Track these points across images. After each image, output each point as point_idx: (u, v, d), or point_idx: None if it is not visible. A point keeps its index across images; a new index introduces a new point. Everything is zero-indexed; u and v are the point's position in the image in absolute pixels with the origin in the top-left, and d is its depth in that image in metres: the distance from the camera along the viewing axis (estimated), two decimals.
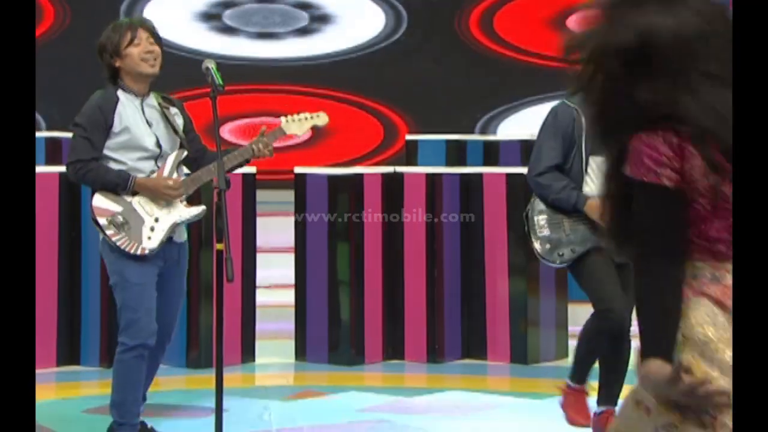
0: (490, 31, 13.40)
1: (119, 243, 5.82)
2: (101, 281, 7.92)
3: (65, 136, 8.98)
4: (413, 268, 8.42)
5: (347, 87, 13.51)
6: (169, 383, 7.47)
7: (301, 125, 6.22)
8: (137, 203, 5.87)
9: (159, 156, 5.90)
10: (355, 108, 13.59)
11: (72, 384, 7.76)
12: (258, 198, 8.53)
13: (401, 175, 8.57)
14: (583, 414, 5.97)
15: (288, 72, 13.52)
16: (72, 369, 8.08)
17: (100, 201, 5.87)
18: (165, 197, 5.87)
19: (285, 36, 13.77)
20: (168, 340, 6.03)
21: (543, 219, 6.01)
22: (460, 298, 8.48)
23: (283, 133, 6.16)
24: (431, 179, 8.52)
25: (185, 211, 5.94)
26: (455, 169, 8.99)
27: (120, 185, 5.82)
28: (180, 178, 5.93)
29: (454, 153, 10.95)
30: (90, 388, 7.50)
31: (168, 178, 5.88)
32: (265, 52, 13.69)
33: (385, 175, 8.56)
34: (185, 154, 5.96)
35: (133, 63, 5.87)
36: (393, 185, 8.50)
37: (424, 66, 13.47)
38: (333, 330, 8.36)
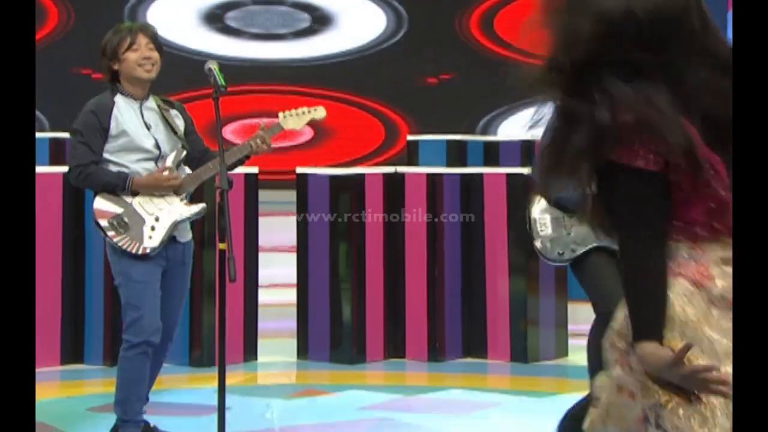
0: (490, 32, 13.43)
1: (121, 244, 5.87)
2: (105, 280, 7.94)
3: (69, 136, 8.99)
4: (414, 267, 8.42)
5: (349, 88, 13.55)
6: (172, 382, 7.46)
7: (299, 119, 6.24)
8: (137, 204, 5.91)
9: (159, 157, 5.94)
10: (357, 109, 13.63)
11: (76, 382, 7.77)
12: (260, 198, 8.53)
13: (402, 176, 8.57)
14: None
15: (290, 73, 13.56)
16: (76, 367, 8.07)
17: (101, 203, 5.92)
18: (165, 188, 5.90)
19: (287, 37, 13.81)
20: (171, 339, 6.06)
21: (544, 217, 6.00)
22: (460, 297, 8.47)
23: (281, 129, 6.17)
24: (432, 179, 8.51)
25: (185, 210, 5.98)
26: (456, 170, 9.00)
27: (119, 186, 5.87)
28: (180, 174, 5.99)
29: (454, 153, 10.97)
30: (94, 386, 7.49)
31: (164, 168, 5.92)
32: (267, 53, 13.74)
33: (387, 176, 8.55)
34: (184, 153, 6.00)
35: (130, 68, 5.92)
36: (394, 185, 8.50)
37: (424, 67, 13.52)
38: (335, 329, 8.37)
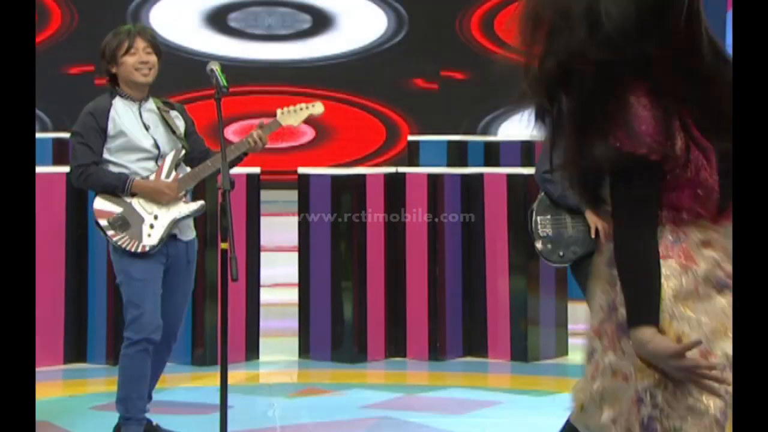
0: (490, 33, 13.45)
1: (120, 243, 5.91)
2: (108, 279, 7.97)
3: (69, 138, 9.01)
4: (415, 267, 8.44)
5: (350, 89, 13.57)
6: (175, 381, 7.48)
7: (297, 116, 6.27)
8: (137, 203, 5.96)
9: (158, 156, 5.98)
10: (358, 109, 13.65)
11: (79, 381, 7.78)
12: (262, 198, 8.56)
13: (403, 176, 8.58)
14: None
15: (291, 74, 13.57)
16: (79, 366, 8.09)
17: (100, 204, 5.97)
18: (161, 199, 5.97)
19: (288, 38, 13.84)
20: (174, 339, 6.08)
21: (545, 218, 5.99)
22: (461, 296, 8.49)
23: (279, 125, 6.20)
24: (433, 179, 8.53)
25: (184, 207, 6.02)
26: (456, 170, 9.01)
27: (119, 187, 5.93)
28: (179, 175, 6.03)
29: (455, 153, 10.99)
30: (97, 385, 7.51)
31: (163, 181, 5.97)
32: (269, 54, 13.76)
33: (387, 176, 8.57)
34: (183, 152, 6.04)
35: (127, 71, 5.97)
36: (395, 185, 8.52)
37: (425, 68, 13.54)
38: (336, 328, 8.38)
